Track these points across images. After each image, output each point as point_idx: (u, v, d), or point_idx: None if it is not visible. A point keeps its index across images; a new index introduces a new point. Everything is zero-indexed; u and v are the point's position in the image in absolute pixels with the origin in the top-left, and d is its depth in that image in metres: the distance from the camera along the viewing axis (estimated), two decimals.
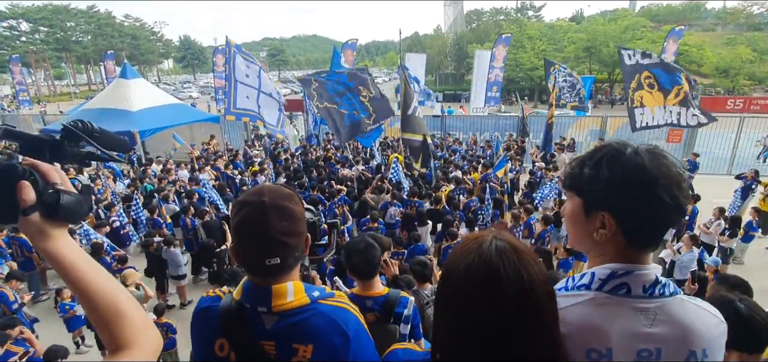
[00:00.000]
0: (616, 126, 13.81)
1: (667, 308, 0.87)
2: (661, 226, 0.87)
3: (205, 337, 1.11)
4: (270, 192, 1.08)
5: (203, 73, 71.13)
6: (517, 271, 0.75)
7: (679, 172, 0.84)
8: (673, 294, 0.89)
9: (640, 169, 0.83)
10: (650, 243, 0.90)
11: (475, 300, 0.77)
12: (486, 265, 0.76)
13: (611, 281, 0.88)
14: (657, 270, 0.89)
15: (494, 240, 0.80)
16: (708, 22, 54.82)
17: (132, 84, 12.94)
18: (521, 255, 0.78)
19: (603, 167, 0.87)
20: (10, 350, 4.18)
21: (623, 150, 0.87)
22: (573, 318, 0.87)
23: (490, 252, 0.77)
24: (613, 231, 0.89)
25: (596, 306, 0.88)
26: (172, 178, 9.96)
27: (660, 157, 0.85)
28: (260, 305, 1.06)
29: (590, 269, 0.94)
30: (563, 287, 0.96)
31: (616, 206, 0.88)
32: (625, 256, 0.90)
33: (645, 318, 0.86)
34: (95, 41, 55.26)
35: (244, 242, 1.07)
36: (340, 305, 1.12)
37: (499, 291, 0.75)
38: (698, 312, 0.89)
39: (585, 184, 0.91)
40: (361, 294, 2.01)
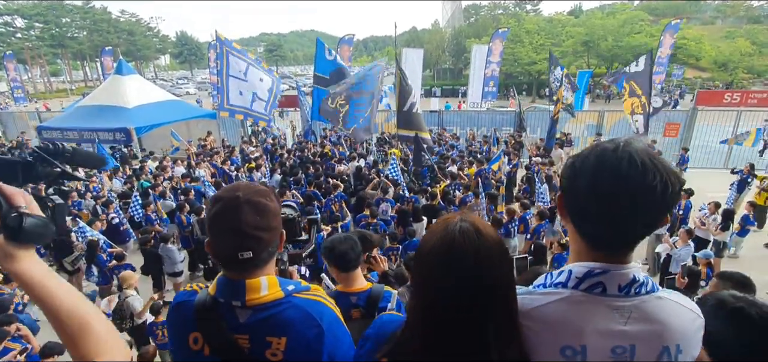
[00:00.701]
0: (612, 121, 13.81)
1: (643, 306, 0.87)
2: (613, 231, 0.87)
3: (179, 331, 1.13)
4: (245, 188, 1.10)
5: (200, 69, 70.74)
6: (475, 246, 0.83)
7: (653, 180, 0.79)
8: (650, 293, 0.89)
9: (593, 169, 0.84)
10: (608, 244, 0.90)
11: (437, 271, 0.85)
12: (449, 242, 0.84)
13: (588, 279, 0.89)
14: (636, 270, 0.90)
15: (460, 222, 0.86)
16: (707, 16, 54.71)
17: (127, 80, 12.87)
18: (481, 234, 0.85)
19: (573, 163, 0.90)
20: (8, 347, 4.19)
21: (595, 148, 0.87)
22: (548, 315, 0.88)
23: (453, 231, 0.85)
24: (563, 215, 0.94)
25: (572, 304, 0.89)
26: (168, 175, 9.93)
27: (631, 160, 0.80)
28: (234, 299, 1.08)
29: (568, 266, 0.95)
30: (541, 284, 0.97)
31: (570, 202, 0.92)
32: (594, 255, 0.91)
33: (620, 316, 0.86)
34: (91, 37, 54.87)
35: (217, 236, 1.09)
36: (314, 298, 1.14)
37: (458, 261, 0.83)
38: (674, 308, 0.89)
39: (562, 178, 0.95)
40: (345, 291, 2.00)
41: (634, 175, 0.80)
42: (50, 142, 0.94)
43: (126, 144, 12.19)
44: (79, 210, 8.38)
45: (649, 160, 0.81)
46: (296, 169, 9.79)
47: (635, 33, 32.62)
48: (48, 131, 12.68)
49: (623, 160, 0.81)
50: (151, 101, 12.91)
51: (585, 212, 0.89)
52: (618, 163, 0.81)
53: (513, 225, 6.83)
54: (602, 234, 0.89)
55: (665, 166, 0.82)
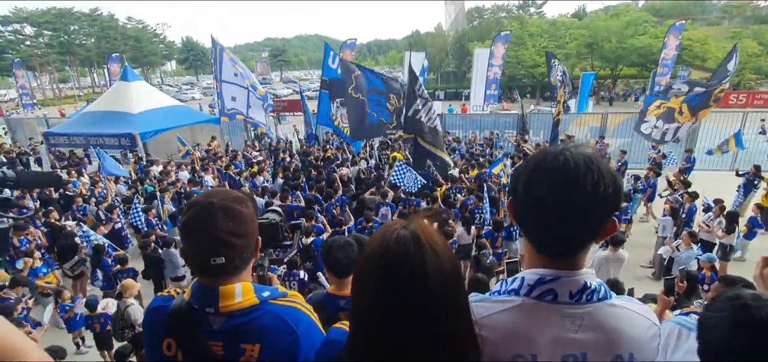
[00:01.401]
0: (615, 123, 13.73)
1: (595, 313, 0.87)
2: (553, 233, 0.87)
3: (154, 336, 1.13)
4: (220, 194, 1.11)
5: (206, 75, 71.39)
6: (410, 256, 0.74)
7: (584, 180, 0.78)
8: (603, 300, 0.88)
9: (531, 172, 0.86)
10: (552, 249, 0.89)
11: (371, 280, 0.78)
12: (383, 255, 0.76)
13: (539, 287, 0.88)
14: (588, 277, 0.89)
15: (400, 230, 0.79)
16: (713, 16, 54.25)
17: (133, 86, 13.02)
18: (422, 246, 0.76)
19: (517, 167, 0.94)
20: None
21: (541, 151, 0.89)
22: (499, 324, 0.88)
23: (390, 240, 0.77)
24: (512, 218, 0.95)
25: (523, 312, 0.88)
26: (172, 180, 10.02)
27: (566, 161, 0.81)
28: (208, 306, 1.08)
29: (521, 273, 0.95)
30: (497, 291, 0.97)
31: (516, 207, 0.93)
32: (544, 261, 0.91)
33: (571, 323, 0.86)
34: (98, 44, 55.59)
35: (190, 241, 1.09)
36: (290, 304, 1.14)
37: (393, 275, 0.75)
38: (627, 316, 0.89)
39: (511, 182, 0.97)
40: (336, 294, 2.02)
41: (567, 176, 0.80)
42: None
43: (131, 149, 12.31)
44: (83, 214, 8.47)
45: (584, 160, 0.80)
46: (299, 172, 9.84)
47: (639, 34, 32.38)
48: (55, 137, 12.84)
49: (558, 162, 0.81)
50: (155, 107, 13.05)
51: (527, 215, 0.89)
52: (553, 164, 0.82)
53: (514, 229, 6.80)
54: (544, 238, 0.89)
55: (602, 168, 0.81)
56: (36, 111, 29.50)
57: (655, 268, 7.11)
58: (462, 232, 6.65)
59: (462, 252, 6.57)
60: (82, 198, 9.03)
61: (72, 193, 9.30)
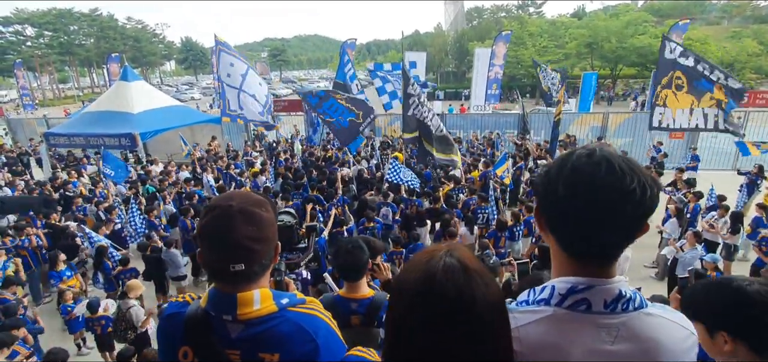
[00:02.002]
0: (617, 122, 13.71)
1: (631, 323, 0.84)
2: (593, 241, 0.83)
3: (169, 344, 1.10)
4: (240, 197, 1.07)
5: (205, 75, 71.39)
6: (460, 291, 0.73)
7: (630, 184, 0.76)
8: (638, 309, 0.85)
9: (570, 177, 0.81)
10: (589, 256, 0.86)
11: (417, 315, 0.75)
12: (429, 282, 0.74)
13: (571, 296, 0.85)
14: (622, 284, 0.86)
15: (444, 257, 0.77)
16: (713, 16, 54.29)
17: (133, 86, 12.99)
18: (470, 274, 0.75)
19: (548, 171, 0.87)
20: (15, 350, 4.24)
21: (570, 155, 0.84)
22: (531, 336, 0.84)
23: (436, 268, 0.75)
24: (541, 225, 0.91)
25: (556, 323, 0.85)
26: (172, 180, 9.99)
27: (609, 165, 0.77)
28: (225, 313, 1.04)
29: (551, 281, 0.91)
30: (524, 300, 0.93)
31: (542, 208, 0.89)
32: (574, 268, 0.87)
33: (607, 334, 0.83)
34: (98, 44, 55.60)
35: (208, 247, 1.05)
36: (309, 312, 1.10)
37: (442, 310, 0.73)
38: (664, 325, 0.86)
39: (537, 188, 0.92)
40: (347, 296, 1.99)
41: (612, 181, 0.77)
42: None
43: (131, 149, 12.29)
44: (84, 215, 8.44)
45: (625, 164, 0.78)
46: (300, 172, 9.82)
47: (639, 34, 32.41)
48: (55, 137, 12.81)
49: (600, 166, 0.78)
50: (155, 107, 13.02)
51: (563, 222, 0.85)
52: (595, 169, 0.78)
53: (517, 229, 6.78)
54: (583, 246, 0.85)
55: (642, 170, 0.79)
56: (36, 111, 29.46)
57: (659, 268, 7.09)
58: (465, 232, 6.63)
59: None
60: (82, 198, 9.00)
61: (72, 194, 9.28)
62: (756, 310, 1.04)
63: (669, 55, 9.32)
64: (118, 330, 5.00)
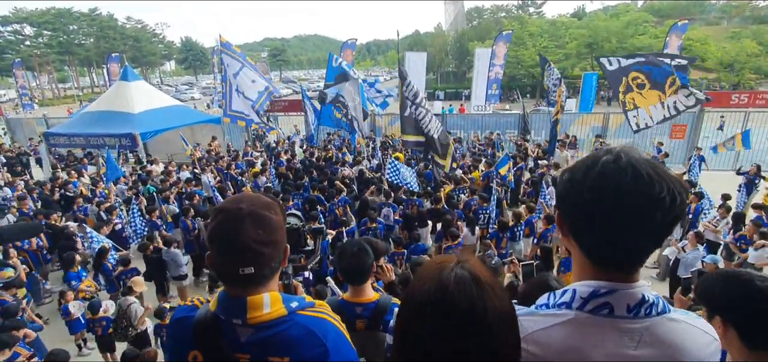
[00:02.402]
0: (617, 123, 13.71)
1: (654, 328, 0.82)
2: (620, 247, 0.81)
3: (178, 348, 1.09)
4: (249, 200, 1.07)
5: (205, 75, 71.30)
6: (472, 303, 0.73)
7: (660, 192, 0.75)
8: (661, 313, 0.84)
9: (586, 174, 0.80)
10: (607, 258, 0.84)
11: (426, 326, 0.75)
12: (441, 293, 0.74)
13: (593, 300, 0.84)
14: (645, 289, 0.85)
15: (456, 268, 0.77)
16: (712, 16, 54.33)
17: (133, 86, 12.97)
18: (480, 285, 0.75)
19: (571, 176, 0.85)
20: (17, 351, 4.23)
21: (595, 160, 0.82)
22: (552, 340, 0.83)
23: (448, 279, 0.75)
24: (564, 232, 0.89)
25: (577, 327, 0.83)
26: (173, 180, 9.97)
27: (636, 172, 0.76)
28: (235, 317, 1.04)
29: (572, 285, 0.90)
30: (544, 304, 0.92)
31: (563, 208, 0.88)
32: (598, 273, 0.85)
33: (629, 339, 0.81)
34: (98, 44, 55.50)
35: (218, 250, 1.05)
36: (319, 315, 1.10)
37: (453, 322, 0.73)
38: (688, 330, 0.84)
39: (558, 179, 0.91)
40: (351, 300, 1.97)
41: (640, 187, 0.75)
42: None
43: (131, 149, 12.27)
44: (85, 215, 8.42)
45: (653, 170, 0.77)
46: (301, 172, 9.81)
47: (639, 34, 32.48)
48: (54, 137, 12.79)
49: (627, 173, 0.76)
50: (156, 107, 13.00)
51: (589, 228, 0.83)
52: (622, 175, 0.77)
53: (519, 229, 6.78)
54: (608, 252, 0.83)
55: (670, 176, 0.78)
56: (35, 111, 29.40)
57: (660, 269, 7.08)
58: (466, 233, 6.62)
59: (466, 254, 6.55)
60: (83, 198, 8.98)
61: (72, 194, 9.26)
62: (757, 303, 1.08)
63: (610, 68, 9.35)
64: (119, 328, 5.00)
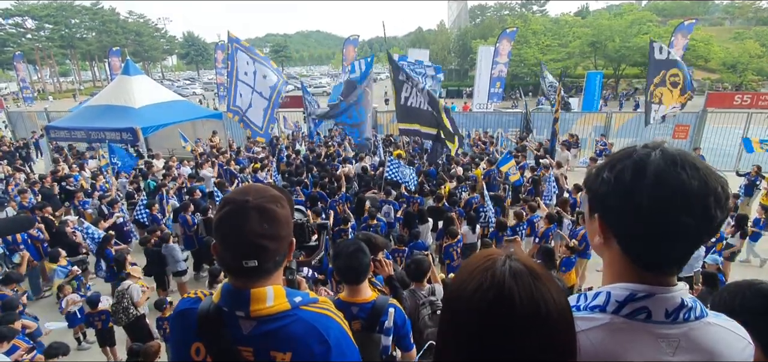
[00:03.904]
0: (620, 122, 13.66)
1: (692, 334, 0.79)
2: (663, 245, 0.77)
3: (182, 340, 1.09)
4: (256, 192, 1.06)
5: (207, 70, 71.19)
6: (532, 297, 0.68)
7: (707, 188, 0.72)
8: (699, 318, 0.81)
9: (637, 174, 0.75)
10: (656, 262, 0.81)
11: (483, 326, 0.69)
12: (498, 289, 0.68)
13: (629, 304, 0.80)
14: (683, 293, 0.81)
15: (508, 261, 0.72)
16: (716, 17, 54.17)
17: (134, 80, 12.92)
18: (539, 279, 0.70)
19: (608, 165, 0.81)
20: (16, 344, 4.23)
21: (634, 151, 0.79)
22: (587, 345, 0.79)
23: (503, 273, 0.69)
24: (606, 236, 0.84)
25: (613, 331, 0.80)
26: (174, 175, 9.97)
27: (680, 166, 0.73)
28: (238, 309, 1.03)
29: (605, 287, 0.86)
30: (575, 306, 0.88)
31: (607, 209, 0.82)
32: (636, 275, 0.82)
33: (667, 345, 0.78)
34: (99, 38, 55.41)
35: (222, 241, 1.04)
36: (322, 311, 1.09)
37: (512, 318, 0.67)
38: (725, 336, 0.81)
39: (591, 180, 0.85)
40: (348, 300, 1.95)
41: (699, 187, 0.72)
42: None
43: (132, 144, 12.25)
44: (84, 209, 8.42)
45: (703, 166, 0.74)
46: (302, 169, 9.79)
47: (643, 34, 32.30)
48: (56, 131, 12.78)
49: (684, 172, 0.73)
50: (157, 101, 12.95)
51: (645, 232, 0.77)
52: (682, 175, 0.73)
53: (520, 229, 6.76)
54: (659, 255, 0.79)
55: (713, 170, 0.75)
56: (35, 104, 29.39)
57: None
58: (467, 231, 6.60)
59: (467, 252, 6.53)
60: (85, 192, 8.97)
61: (73, 188, 9.25)
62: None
63: (659, 56, 9.86)
64: (118, 311, 5.02)
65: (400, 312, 1.97)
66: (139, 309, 5.11)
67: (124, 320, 5.05)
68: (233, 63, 10.00)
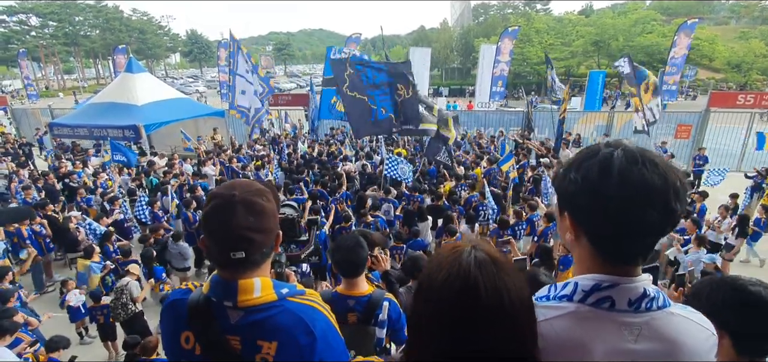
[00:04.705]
0: (622, 121, 13.62)
1: (654, 323, 0.82)
2: (630, 240, 0.81)
3: (172, 329, 1.13)
4: (242, 187, 1.09)
5: (210, 68, 71.33)
6: (495, 285, 0.73)
7: (667, 184, 0.76)
8: (662, 308, 0.84)
9: (603, 174, 0.78)
10: (624, 254, 0.84)
11: (451, 310, 0.74)
12: (464, 278, 0.73)
13: (595, 293, 0.84)
14: (646, 283, 0.85)
15: (473, 251, 0.77)
16: (721, 16, 53.79)
17: (137, 78, 13.01)
18: (501, 267, 0.75)
19: (574, 165, 0.84)
20: (19, 337, 4.28)
21: (598, 150, 0.82)
22: (553, 332, 0.83)
23: (469, 264, 0.74)
24: (576, 233, 0.86)
25: (578, 320, 0.84)
26: (176, 172, 10.03)
27: (641, 163, 0.77)
28: (226, 299, 1.06)
29: (573, 278, 0.89)
30: (545, 296, 0.92)
31: (576, 207, 0.85)
32: (602, 266, 0.85)
33: (629, 333, 0.81)
34: (103, 35, 55.59)
35: (210, 234, 1.07)
36: (309, 303, 1.11)
37: (477, 306, 0.72)
38: (687, 326, 0.84)
39: (559, 180, 0.88)
40: (344, 293, 1.99)
41: (660, 182, 0.76)
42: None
43: (135, 141, 12.33)
44: (88, 205, 8.49)
45: (662, 162, 0.78)
46: (302, 167, 9.83)
47: (647, 33, 32.18)
48: (59, 128, 12.87)
49: (646, 169, 0.76)
50: (160, 99, 13.03)
51: (613, 227, 0.80)
52: (642, 171, 0.76)
53: (519, 227, 6.76)
54: (623, 247, 0.83)
55: (672, 166, 0.79)
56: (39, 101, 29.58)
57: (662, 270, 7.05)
58: (466, 229, 6.61)
59: None
60: (87, 189, 9.04)
61: (76, 184, 9.32)
62: (754, 310, 1.09)
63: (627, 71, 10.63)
64: (117, 306, 5.07)
65: (395, 306, 2.01)
66: (137, 306, 5.17)
67: (122, 316, 5.10)
68: (235, 61, 10.07)
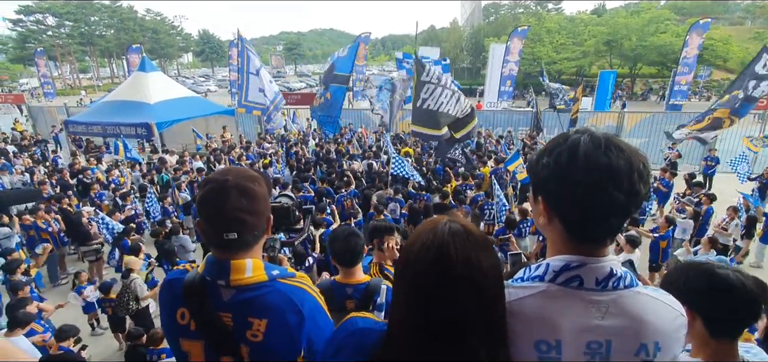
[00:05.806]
0: (633, 122, 13.45)
1: (621, 301, 0.86)
2: (595, 222, 0.84)
3: (169, 306, 1.19)
4: (234, 172, 1.15)
5: (221, 67, 72.11)
6: (466, 253, 0.79)
7: (631, 166, 0.80)
8: (629, 287, 0.87)
9: (571, 159, 0.82)
10: (592, 235, 0.87)
11: (425, 277, 0.81)
12: (438, 244, 0.80)
13: (564, 273, 0.87)
14: (613, 263, 0.88)
15: (449, 223, 0.83)
16: (736, 16, 52.63)
17: (150, 77, 13.27)
18: (473, 237, 0.82)
19: (547, 151, 0.88)
20: (34, 328, 4.41)
21: (567, 137, 0.86)
22: (524, 309, 0.87)
23: (443, 233, 0.81)
24: (549, 216, 0.90)
25: (548, 298, 0.87)
26: (186, 169, 10.20)
27: (605, 148, 0.81)
28: (220, 278, 1.13)
29: (546, 260, 0.93)
30: (520, 277, 0.95)
31: (548, 192, 0.89)
32: (571, 247, 0.89)
33: (597, 310, 0.85)
34: (118, 35, 56.57)
35: (205, 217, 1.14)
36: (298, 284, 1.17)
37: (449, 269, 0.79)
38: (653, 305, 0.87)
39: (533, 165, 0.92)
40: (342, 282, 2.05)
41: (625, 165, 0.80)
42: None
43: (147, 139, 12.56)
44: (100, 201, 8.69)
45: (627, 147, 0.82)
46: (310, 164, 9.91)
47: (660, 32, 31.62)
48: (74, 125, 13.17)
49: (610, 152, 0.80)
50: (172, 97, 13.27)
51: (581, 210, 0.84)
52: (607, 155, 0.80)
53: (525, 226, 6.75)
54: (592, 228, 0.86)
55: (636, 149, 0.84)
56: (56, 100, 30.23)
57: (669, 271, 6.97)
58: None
59: None
60: (100, 184, 9.25)
61: (89, 180, 9.55)
62: (723, 293, 1.14)
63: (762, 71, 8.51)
64: (122, 302, 5.20)
65: (390, 289, 2.05)
66: (140, 304, 5.28)
67: (124, 312, 5.25)
68: (244, 59, 10.20)
